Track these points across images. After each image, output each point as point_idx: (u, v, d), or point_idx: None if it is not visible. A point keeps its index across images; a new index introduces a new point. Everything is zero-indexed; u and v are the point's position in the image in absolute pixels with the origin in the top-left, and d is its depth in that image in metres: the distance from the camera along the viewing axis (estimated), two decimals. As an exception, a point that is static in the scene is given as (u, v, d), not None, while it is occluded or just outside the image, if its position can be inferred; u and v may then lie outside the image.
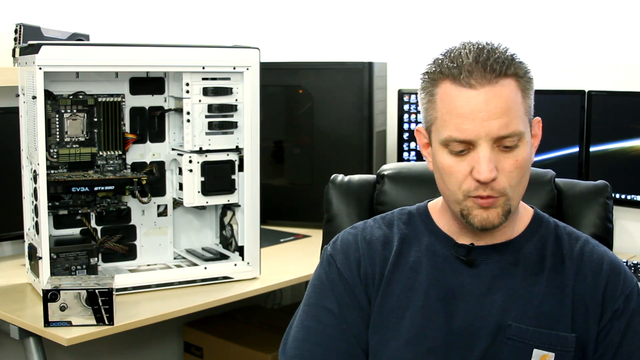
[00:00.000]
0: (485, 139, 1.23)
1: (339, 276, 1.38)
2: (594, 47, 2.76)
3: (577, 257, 1.33)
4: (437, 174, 1.32)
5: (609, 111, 2.57)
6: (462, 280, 1.33)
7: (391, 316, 1.34)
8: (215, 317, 2.96)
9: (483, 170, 1.23)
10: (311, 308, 1.39)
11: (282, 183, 3.01)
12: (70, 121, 2.15)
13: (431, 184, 1.43)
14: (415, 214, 1.42)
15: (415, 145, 2.94)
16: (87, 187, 2.10)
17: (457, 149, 1.25)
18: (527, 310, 1.29)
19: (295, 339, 1.37)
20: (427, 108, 1.30)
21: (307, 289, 1.43)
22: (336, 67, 2.90)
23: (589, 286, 1.30)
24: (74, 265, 2.08)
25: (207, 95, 2.18)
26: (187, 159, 2.19)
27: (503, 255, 1.34)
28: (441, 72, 1.27)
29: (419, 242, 1.38)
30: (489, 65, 1.23)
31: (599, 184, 1.66)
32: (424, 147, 1.36)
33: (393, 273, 1.36)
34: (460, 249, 1.34)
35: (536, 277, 1.32)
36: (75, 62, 2.01)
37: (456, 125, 1.24)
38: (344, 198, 1.73)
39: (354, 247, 1.40)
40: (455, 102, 1.24)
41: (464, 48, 1.27)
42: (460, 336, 1.30)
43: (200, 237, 2.43)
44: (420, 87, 1.32)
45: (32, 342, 1.96)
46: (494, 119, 1.22)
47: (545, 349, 1.28)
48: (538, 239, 1.35)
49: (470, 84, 1.23)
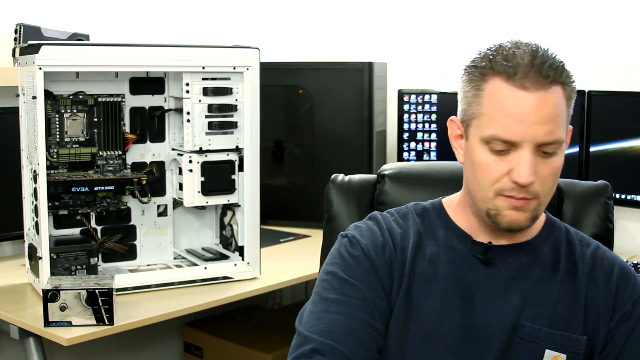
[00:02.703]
0: (530, 142, 1.22)
1: (364, 255, 1.34)
2: (594, 47, 2.76)
3: (589, 262, 1.34)
4: (469, 169, 1.31)
5: (609, 111, 2.57)
6: (478, 278, 1.33)
7: (410, 308, 1.32)
8: (215, 317, 2.96)
9: (525, 173, 1.22)
10: (330, 282, 1.33)
11: (282, 183, 3.01)
12: (70, 121, 2.15)
13: (432, 184, 1.43)
14: (430, 209, 1.41)
15: (415, 145, 2.94)
16: (87, 187, 2.10)
17: (499, 147, 1.24)
18: (541, 311, 1.30)
19: (312, 311, 1.31)
20: (471, 102, 1.28)
21: (321, 270, 1.38)
22: (336, 67, 2.90)
23: (600, 290, 1.32)
24: (74, 265, 2.08)
25: (207, 95, 2.18)
26: (187, 159, 2.19)
27: (519, 256, 1.34)
28: (493, 69, 1.25)
29: (435, 236, 1.37)
30: (544, 70, 1.22)
31: (599, 184, 1.66)
32: (455, 138, 1.35)
33: (414, 265, 1.34)
34: (478, 246, 1.34)
35: (550, 278, 1.32)
36: (75, 62, 2.01)
37: (503, 124, 1.23)
38: (345, 198, 1.73)
39: (378, 233, 1.37)
40: (506, 102, 1.23)
41: (517, 48, 1.25)
42: (477, 335, 1.30)
43: (200, 237, 2.43)
44: (466, 79, 1.30)
45: (32, 342, 1.96)
46: (542, 124, 1.22)
47: (557, 350, 1.28)
48: (552, 242, 1.36)
49: (525, 86, 1.22)
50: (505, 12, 2.94)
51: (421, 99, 2.93)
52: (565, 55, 1.30)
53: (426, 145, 2.94)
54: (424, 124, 2.93)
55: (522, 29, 2.87)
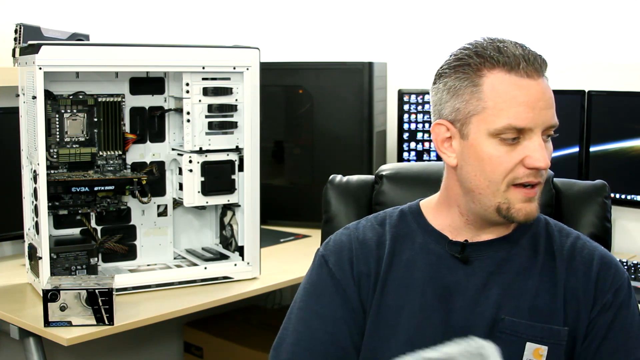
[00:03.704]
0: (541, 127, 1.26)
1: (331, 277, 1.37)
2: (594, 47, 2.76)
3: (567, 252, 1.34)
4: (471, 167, 1.29)
5: (609, 111, 2.57)
6: (457, 277, 1.33)
7: (388, 315, 1.34)
8: (215, 317, 2.96)
9: (542, 157, 1.25)
10: (301, 312, 1.39)
11: (282, 183, 3.01)
12: (70, 121, 2.15)
13: (430, 184, 1.43)
14: (408, 212, 1.42)
15: (416, 145, 2.94)
16: (87, 187, 2.10)
17: (512, 136, 1.25)
18: (521, 305, 1.30)
19: (285, 342, 1.37)
20: (468, 99, 1.27)
21: (298, 290, 1.43)
22: (336, 67, 2.90)
23: (580, 281, 1.32)
24: (74, 265, 2.09)
25: (207, 95, 2.18)
26: (187, 159, 2.19)
27: (497, 251, 1.34)
28: (489, 62, 1.26)
29: (412, 240, 1.38)
30: (538, 59, 1.27)
31: (597, 184, 1.66)
32: (442, 142, 1.32)
33: (388, 272, 1.36)
34: (454, 246, 1.35)
35: (529, 272, 1.33)
36: (75, 62, 2.01)
37: (516, 113, 1.24)
38: (343, 198, 1.73)
39: (347, 247, 1.39)
40: (513, 91, 1.25)
41: (501, 42, 1.28)
42: (458, 333, 1.28)
43: (200, 237, 2.43)
44: (454, 78, 1.29)
45: (32, 342, 1.96)
46: (549, 109, 1.27)
47: (538, 342, 1.29)
48: (531, 235, 1.36)
49: (529, 74, 1.26)
50: (505, 12, 2.94)
51: (421, 99, 2.93)
52: (565, 55, 1.31)
53: (426, 145, 2.94)
54: (424, 124, 2.93)
55: (522, 29, 2.87)
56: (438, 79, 1.33)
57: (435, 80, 1.34)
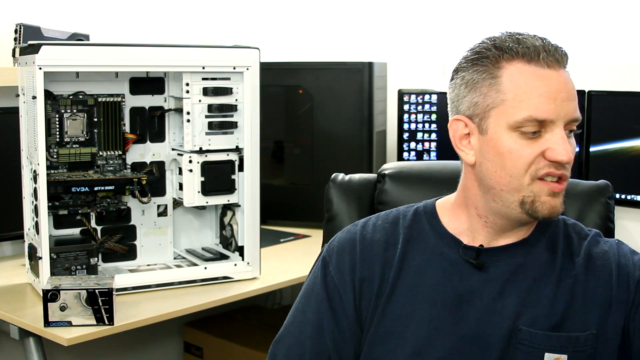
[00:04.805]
0: (563, 119, 1.21)
1: (327, 283, 1.34)
2: (594, 47, 2.75)
3: (585, 254, 1.29)
4: (491, 163, 1.24)
5: (609, 111, 2.56)
6: (471, 284, 1.28)
7: (396, 324, 1.29)
8: (215, 317, 2.96)
9: (564, 150, 1.20)
10: (297, 313, 1.38)
11: (282, 183, 3.01)
12: (70, 121, 2.15)
13: (432, 183, 1.43)
14: (422, 213, 1.37)
15: (415, 145, 2.94)
16: (87, 187, 2.10)
17: (531, 129, 1.20)
18: (538, 313, 1.25)
19: (283, 342, 1.37)
20: (487, 92, 1.23)
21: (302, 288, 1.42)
22: (336, 67, 2.90)
23: (601, 282, 1.27)
24: (74, 265, 2.08)
25: (207, 95, 2.18)
26: (187, 159, 2.19)
27: (514, 256, 1.29)
28: (508, 53, 1.23)
29: (425, 243, 1.33)
30: (558, 50, 1.24)
31: (600, 184, 1.66)
32: (460, 138, 1.28)
33: (397, 278, 1.31)
34: (469, 251, 1.30)
35: (547, 278, 1.27)
36: (75, 62, 2.01)
37: (536, 104, 1.19)
38: (345, 197, 1.73)
39: (350, 249, 1.35)
40: (533, 82, 1.21)
41: (519, 34, 1.25)
42: (472, 343, 1.26)
43: (200, 237, 2.43)
44: (472, 71, 1.26)
45: (32, 342, 1.96)
46: (571, 101, 1.22)
47: (556, 352, 1.24)
48: (548, 238, 1.31)
49: (549, 64, 1.22)
50: (505, 12, 2.93)
51: (421, 99, 2.93)
52: (565, 55, 1.30)
53: (426, 145, 2.94)
54: (424, 124, 2.93)
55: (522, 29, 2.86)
56: (455, 74, 1.29)
57: (452, 76, 1.30)
